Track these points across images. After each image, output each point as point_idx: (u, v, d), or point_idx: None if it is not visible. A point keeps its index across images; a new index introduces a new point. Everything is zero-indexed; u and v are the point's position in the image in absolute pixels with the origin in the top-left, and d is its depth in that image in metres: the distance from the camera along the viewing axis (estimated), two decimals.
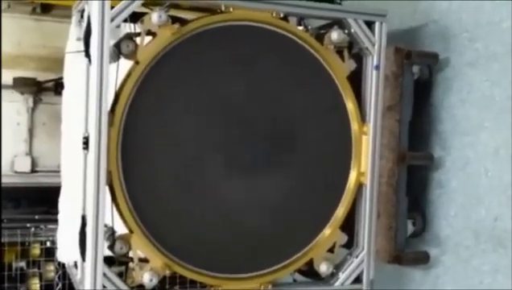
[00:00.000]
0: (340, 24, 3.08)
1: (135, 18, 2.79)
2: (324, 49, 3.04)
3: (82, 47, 2.78)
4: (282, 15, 2.98)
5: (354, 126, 3.11)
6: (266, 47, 2.98)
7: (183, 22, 2.81)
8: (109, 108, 2.70)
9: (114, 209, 2.77)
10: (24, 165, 4.81)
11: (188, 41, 2.80)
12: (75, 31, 3.16)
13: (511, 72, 2.95)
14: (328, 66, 3.06)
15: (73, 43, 3.14)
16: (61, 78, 3.41)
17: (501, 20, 3.01)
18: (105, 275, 2.71)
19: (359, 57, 3.17)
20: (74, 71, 3.07)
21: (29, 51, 4.89)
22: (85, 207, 2.77)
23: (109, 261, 2.80)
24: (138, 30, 2.81)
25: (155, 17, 2.70)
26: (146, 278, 2.74)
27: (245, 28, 2.93)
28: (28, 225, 4.11)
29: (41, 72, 4.89)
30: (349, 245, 3.21)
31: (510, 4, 2.96)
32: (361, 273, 3.15)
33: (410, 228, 3.43)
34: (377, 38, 3.11)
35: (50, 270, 4.18)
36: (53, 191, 3.30)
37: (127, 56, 2.74)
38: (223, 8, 2.87)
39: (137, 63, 2.74)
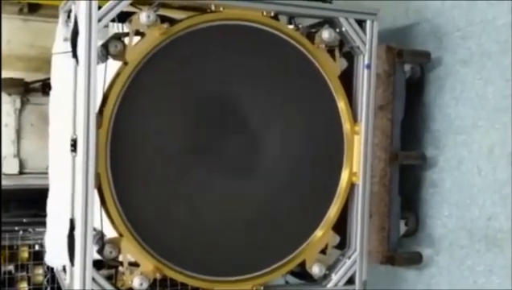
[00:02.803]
0: (331, 23, 3.05)
1: (123, 17, 2.75)
2: (315, 48, 3.01)
3: (69, 48, 2.74)
4: (272, 14, 2.94)
5: (346, 125, 3.08)
6: (257, 46, 2.95)
7: (172, 21, 2.77)
8: (97, 109, 2.66)
9: (103, 212, 2.73)
10: (12, 167, 4.76)
11: (178, 41, 2.76)
12: (62, 32, 3.12)
13: (504, 70, 2.93)
14: (319, 65, 3.02)
15: (60, 44, 3.10)
16: (49, 78, 3.36)
17: (494, 18, 2.99)
18: (94, 279, 2.66)
19: (350, 56, 3.14)
20: (61, 72, 3.03)
21: (17, 51, 4.84)
22: (74, 210, 2.73)
23: (98, 264, 2.77)
24: (126, 30, 2.77)
25: (144, 17, 2.66)
26: (137, 282, 2.69)
27: (236, 28, 2.89)
28: (16, 228, 4.07)
29: (29, 72, 4.84)
30: (342, 246, 3.18)
31: (503, 2, 2.93)
32: (354, 274, 3.12)
33: (403, 228, 3.40)
34: (368, 37, 3.08)
35: (38, 274, 4.14)
36: (42, 193, 3.26)
37: (115, 57, 2.69)
38: (213, 7, 2.83)
39: (125, 63, 2.70)
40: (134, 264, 2.77)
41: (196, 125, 2.85)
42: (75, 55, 2.68)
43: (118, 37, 2.73)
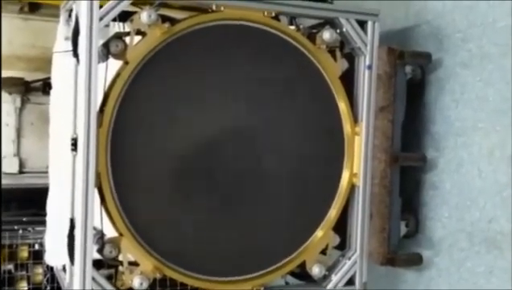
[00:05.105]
0: (332, 24, 3.05)
1: (124, 17, 2.75)
2: (315, 49, 3.01)
3: (70, 47, 2.74)
4: (273, 14, 2.94)
5: (346, 126, 3.09)
6: (258, 46, 2.95)
7: (173, 21, 2.77)
8: (97, 108, 2.66)
9: (103, 211, 2.73)
10: (12, 166, 4.76)
11: (178, 41, 2.77)
12: (63, 31, 3.11)
13: (505, 72, 2.93)
14: (320, 66, 3.03)
15: (61, 43, 3.10)
16: (49, 78, 3.36)
17: (494, 20, 2.98)
18: (93, 279, 2.66)
19: (351, 57, 3.14)
20: (62, 71, 3.03)
21: (17, 51, 4.84)
22: (74, 210, 2.72)
23: (98, 264, 2.76)
24: (127, 29, 2.77)
25: (145, 16, 2.66)
26: (136, 282, 2.70)
27: (237, 28, 2.89)
28: (16, 227, 4.06)
29: (30, 71, 4.84)
30: (342, 246, 3.18)
31: (504, 4, 2.93)
32: (354, 275, 3.13)
33: (404, 229, 3.40)
34: (369, 37, 3.09)
35: (38, 273, 4.13)
36: (41, 192, 3.25)
37: (116, 56, 2.70)
38: (214, 7, 2.83)
39: (126, 63, 2.70)
40: (134, 264, 2.76)
41: (196, 124, 2.84)
42: (76, 54, 2.68)
43: (119, 36, 2.73)
